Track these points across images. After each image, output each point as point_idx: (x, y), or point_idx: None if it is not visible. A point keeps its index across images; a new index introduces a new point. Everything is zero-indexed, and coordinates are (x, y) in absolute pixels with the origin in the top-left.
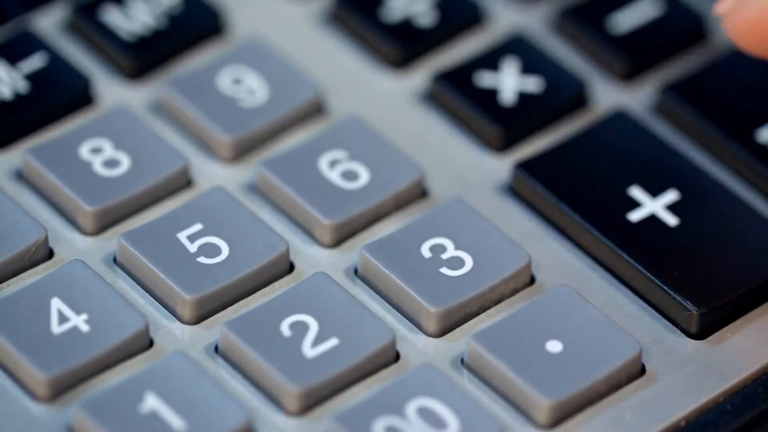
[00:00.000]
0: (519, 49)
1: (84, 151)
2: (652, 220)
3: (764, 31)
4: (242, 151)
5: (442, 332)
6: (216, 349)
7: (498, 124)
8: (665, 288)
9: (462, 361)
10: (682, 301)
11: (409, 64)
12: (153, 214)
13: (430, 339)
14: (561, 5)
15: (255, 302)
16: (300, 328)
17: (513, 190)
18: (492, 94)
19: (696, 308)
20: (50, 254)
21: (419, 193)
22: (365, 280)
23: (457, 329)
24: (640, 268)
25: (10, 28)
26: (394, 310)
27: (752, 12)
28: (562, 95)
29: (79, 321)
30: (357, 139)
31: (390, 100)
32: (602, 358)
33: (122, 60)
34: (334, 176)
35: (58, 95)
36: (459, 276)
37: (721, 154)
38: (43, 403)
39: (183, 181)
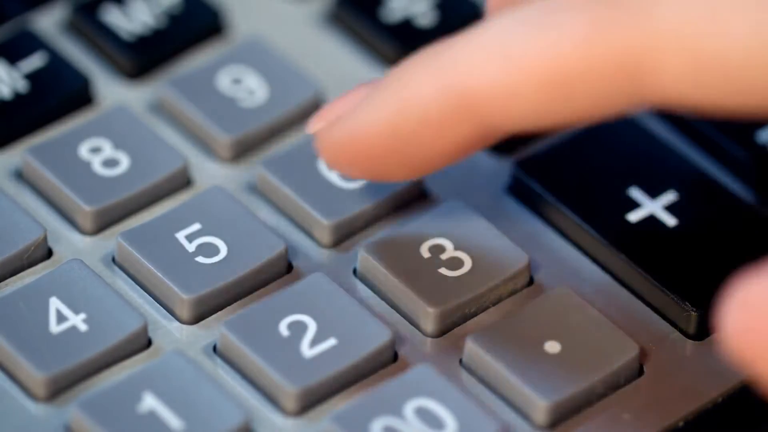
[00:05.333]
0: None
1: (83, 150)
2: (651, 220)
3: (354, 152)
4: (242, 151)
5: (441, 332)
6: (214, 348)
7: None
8: (664, 289)
9: (460, 361)
10: (681, 302)
11: None
12: (152, 214)
13: (429, 339)
14: None
15: (253, 302)
16: (298, 328)
17: (512, 191)
18: None
19: (694, 309)
20: (49, 254)
21: (419, 193)
22: (364, 280)
23: (456, 329)
24: (639, 269)
25: (10, 27)
26: (393, 311)
27: (344, 133)
28: None
29: (78, 320)
30: None
31: None
32: (601, 359)
33: (122, 60)
34: (333, 176)
35: (57, 95)
36: (458, 276)
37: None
38: (42, 402)
39: (182, 181)
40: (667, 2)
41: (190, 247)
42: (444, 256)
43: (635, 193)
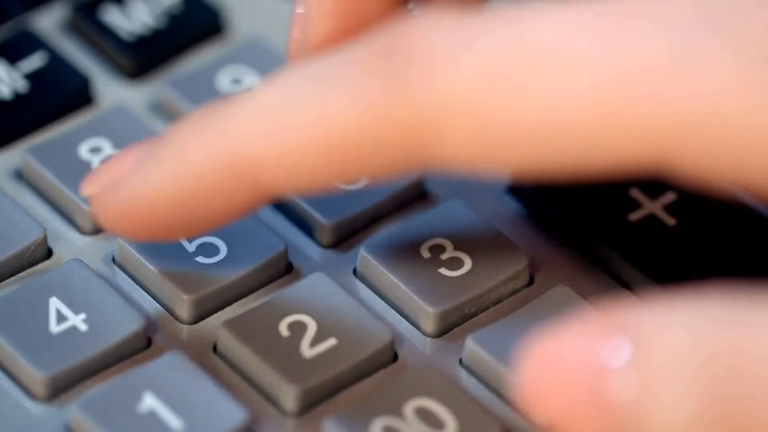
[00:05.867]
0: None
1: (83, 150)
2: (651, 220)
3: (133, 219)
4: None
5: (441, 332)
6: (214, 348)
7: None
8: (664, 289)
9: (461, 361)
10: None
11: None
12: None
13: (429, 339)
14: None
15: (253, 302)
16: (298, 328)
17: (512, 191)
18: None
19: None
20: (49, 254)
21: (419, 193)
22: (364, 280)
23: (456, 329)
24: (639, 269)
25: (10, 27)
26: (393, 311)
27: (120, 201)
28: None
29: (78, 320)
30: None
31: None
32: None
33: (122, 60)
34: None
35: (57, 95)
36: (458, 276)
37: None
38: (42, 402)
39: None
40: (447, 72)
41: (190, 247)
42: (444, 256)
43: (635, 193)
